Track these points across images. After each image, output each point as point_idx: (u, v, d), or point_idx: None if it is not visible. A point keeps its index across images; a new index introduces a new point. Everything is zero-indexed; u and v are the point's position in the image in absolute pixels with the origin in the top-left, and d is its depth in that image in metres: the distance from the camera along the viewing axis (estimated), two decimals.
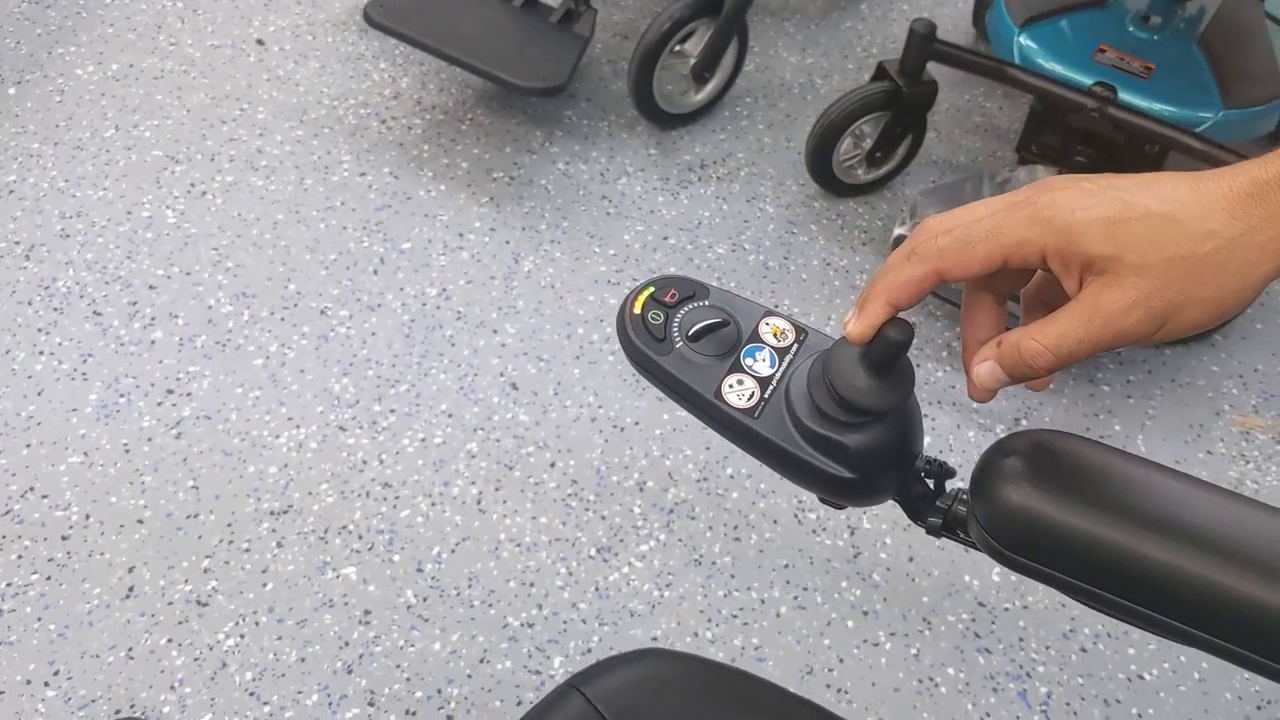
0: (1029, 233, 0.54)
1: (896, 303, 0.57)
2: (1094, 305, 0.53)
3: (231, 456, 1.64)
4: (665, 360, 0.63)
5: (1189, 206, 0.52)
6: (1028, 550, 0.57)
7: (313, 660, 1.45)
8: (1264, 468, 1.76)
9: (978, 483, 0.59)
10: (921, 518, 0.65)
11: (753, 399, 0.62)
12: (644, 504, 1.64)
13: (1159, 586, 0.54)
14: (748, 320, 0.65)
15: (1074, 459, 0.59)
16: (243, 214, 1.97)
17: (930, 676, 1.50)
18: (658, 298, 0.65)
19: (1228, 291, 0.53)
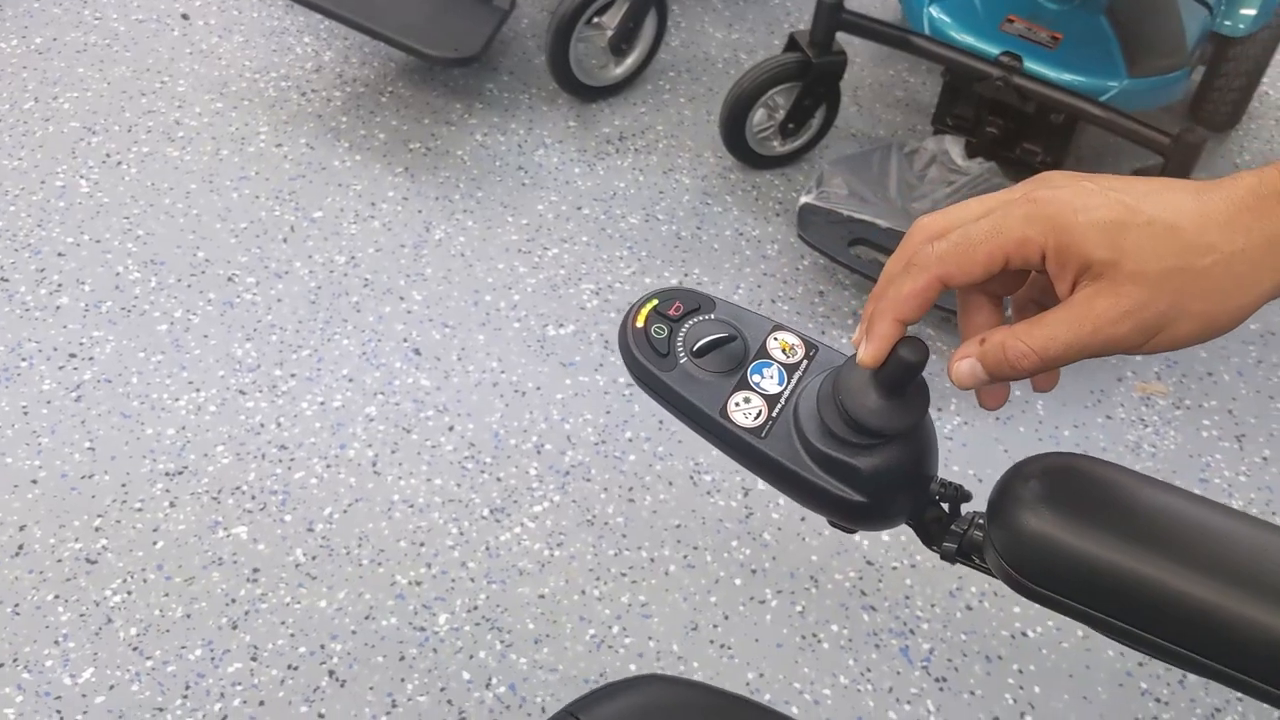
0: (1030, 230, 0.52)
1: (905, 318, 0.54)
2: (1086, 310, 0.51)
3: (130, 419, 1.65)
4: (669, 377, 0.60)
5: (1191, 217, 0.51)
6: (1048, 581, 0.55)
7: (198, 616, 1.46)
8: (1162, 432, 1.78)
9: (995, 508, 0.56)
10: (935, 543, 0.61)
11: (760, 418, 0.59)
12: (540, 466, 1.65)
13: (1188, 621, 0.52)
14: (755, 335, 0.62)
15: (1096, 484, 0.56)
16: (156, 184, 1.97)
17: (814, 633, 1.51)
18: (661, 311, 0.62)
19: (1220, 309, 0.51)
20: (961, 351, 0.55)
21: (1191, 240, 0.50)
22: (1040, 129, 1.99)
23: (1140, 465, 1.73)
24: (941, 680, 1.48)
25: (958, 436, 1.73)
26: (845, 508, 0.58)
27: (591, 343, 1.81)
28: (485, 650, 1.46)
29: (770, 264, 1.96)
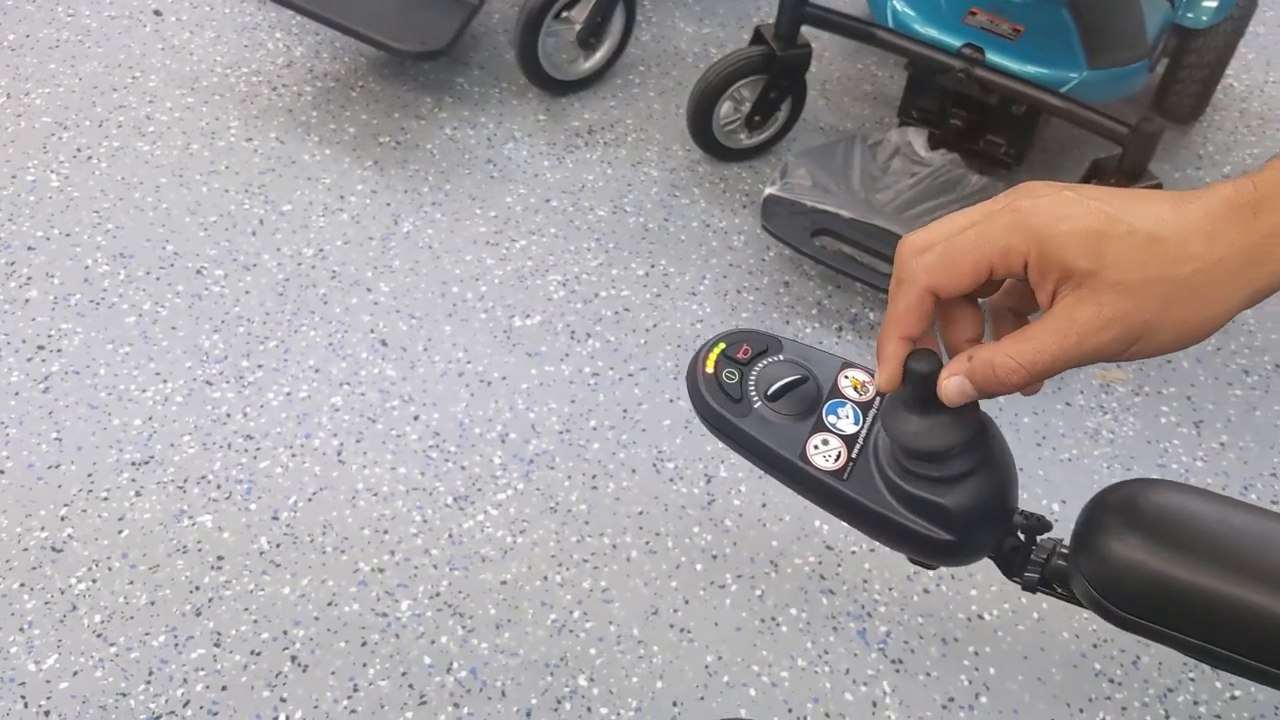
0: (1012, 240, 0.52)
1: (907, 334, 0.55)
2: (1069, 321, 0.52)
3: (97, 410, 1.66)
4: (744, 423, 0.59)
5: (1172, 227, 0.51)
6: (1141, 608, 0.54)
7: (162, 604, 1.48)
8: (1121, 419, 1.80)
9: (1081, 539, 0.56)
10: (1016, 573, 0.60)
11: (840, 459, 0.58)
12: (505, 455, 1.67)
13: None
14: (826, 374, 0.61)
15: (1180, 508, 0.55)
16: (126, 178, 1.99)
17: (773, 616, 1.53)
18: (730, 355, 0.61)
19: (1200, 319, 0.52)
20: (950, 369, 0.55)
21: (1173, 250, 0.51)
22: (1003, 121, 2.01)
23: (1099, 451, 1.75)
24: (898, 662, 1.50)
25: None
26: (933, 547, 0.57)
27: (558, 333, 1.83)
28: (447, 635, 1.48)
29: (737, 255, 1.98)
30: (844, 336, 1.87)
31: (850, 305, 1.91)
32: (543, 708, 1.42)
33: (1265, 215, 0.51)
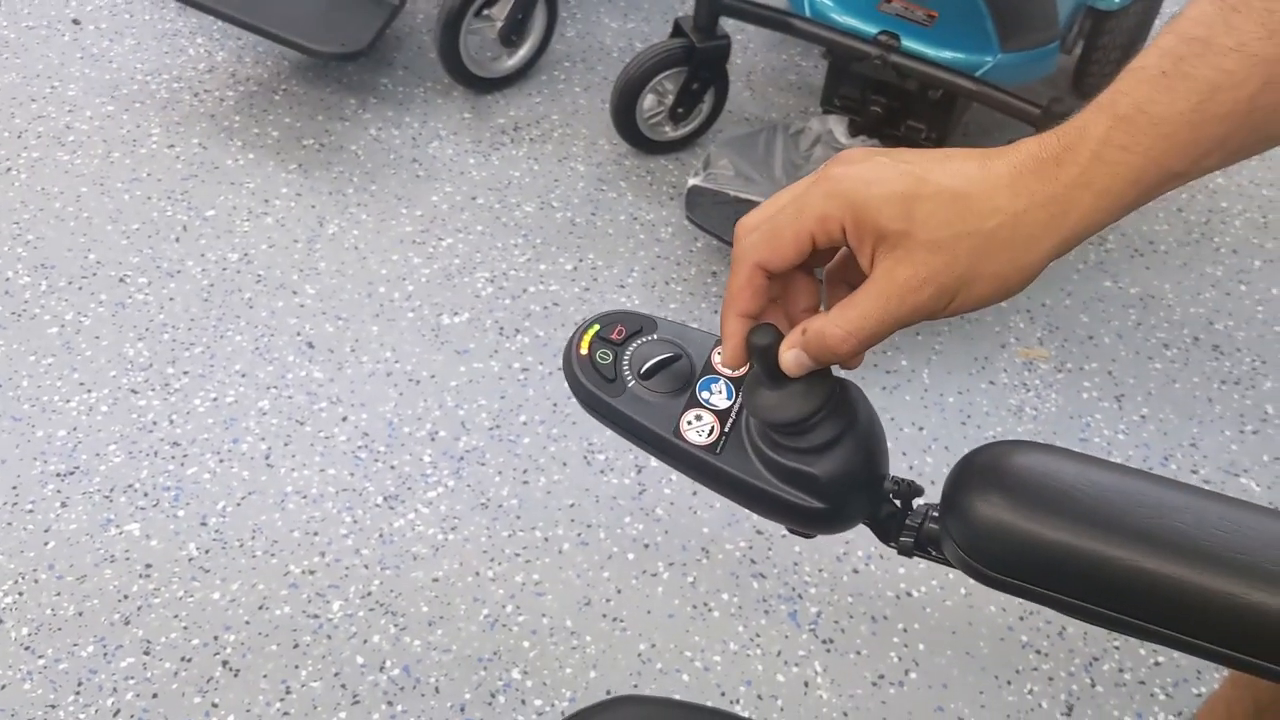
0: (828, 208, 0.54)
1: (743, 312, 0.57)
2: (888, 283, 0.53)
3: (20, 422, 1.65)
4: (619, 401, 0.60)
5: (977, 184, 0.53)
6: (1007, 567, 0.55)
7: (90, 614, 1.47)
8: (1044, 395, 1.83)
9: (949, 500, 0.57)
10: (892, 538, 0.62)
11: (713, 434, 0.59)
12: (434, 453, 1.67)
13: (1146, 594, 0.53)
14: (700, 352, 0.62)
15: (1045, 469, 0.57)
16: (46, 188, 1.97)
17: (705, 602, 1.54)
18: (604, 335, 0.62)
19: (1011, 269, 0.54)
20: (788, 341, 0.57)
21: (978, 205, 0.52)
22: (922, 106, 2.03)
23: (1022, 428, 1.78)
24: (829, 642, 1.52)
25: None
26: (806, 515, 0.58)
27: (486, 330, 1.83)
28: (379, 635, 1.48)
29: (664, 247, 1.99)
30: None
31: None
32: (476, 702, 1.43)
33: (1067, 166, 0.52)
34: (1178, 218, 2.15)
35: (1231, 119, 0.51)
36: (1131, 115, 0.52)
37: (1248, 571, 0.52)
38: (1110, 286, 2.01)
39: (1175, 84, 0.51)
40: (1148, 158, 0.52)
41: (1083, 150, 0.52)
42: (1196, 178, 0.53)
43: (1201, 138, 0.52)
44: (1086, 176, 0.52)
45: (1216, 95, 0.51)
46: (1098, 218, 0.53)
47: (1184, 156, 0.52)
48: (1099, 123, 0.52)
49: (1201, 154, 0.52)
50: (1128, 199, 0.53)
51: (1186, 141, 0.52)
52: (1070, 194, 0.52)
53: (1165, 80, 0.51)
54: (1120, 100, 0.52)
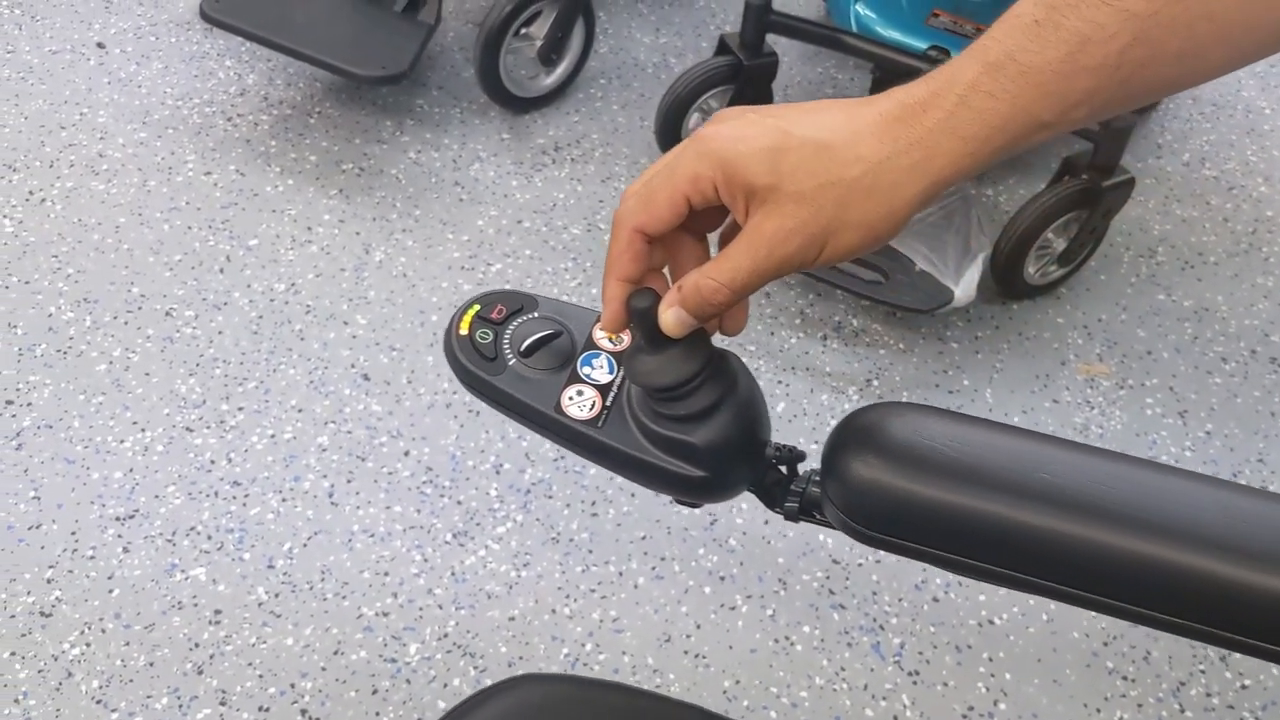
0: (699, 167, 0.54)
1: (623, 276, 0.58)
2: (758, 235, 0.54)
3: (74, 464, 1.60)
4: (499, 380, 0.61)
5: (842, 133, 0.54)
6: (884, 525, 0.57)
7: (161, 664, 1.43)
8: (1108, 412, 1.81)
9: (828, 462, 0.59)
10: (778, 504, 0.63)
11: (594, 408, 0.60)
12: (501, 486, 1.64)
13: (1015, 546, 0.54)
14: (581, 328, 0.63)
15: (921, 428, 0.58)
16: (84, 219, 1.92)
17: (786, 636, 1.52)
18: (484, 315, 0.63)
19: (877, 216, 0.54)
20: (666, 300, 0.57)
21: (842, 155, 0.53)
22: None
23: None
24: (914, 674, 1.49)
25: None
26: (687, 484, 0.59)
27: None
28: (459, 677, 1.44)
29: None
30: (829, 345, 1.86)
31: (833, 313, 1.91)
32: None
33: (932, 111, 0.53)
34: (1224, 228, 2.13)
35: (1100, 72, 0.52)
36: (1001, 62, 0.52)
37: (1112, 518, 0.53)
38: (1164, 300, 1.99)
39: (1046, 33, 0.51)
40: (1015, 105, 0.52)
41: (949, 96, 0.52)
42: (1065, 130, 0.54)
43: (1070, 89, 0.52)
44: (952, 122, 0.52)
45: (1086, 47, 0.51)
46: (964, 163, 0.53)
47: (1052, 107, 0.52)
48: (968, 69, 0.52)
49: (1070, 105, 0.52)
50: (994, 145, 0.53)
51: (1054, 92, 0.52)
52: (934, 139, 0.53)
53: (1037, 29, 0.51)
54: (991, 47, 0.52)
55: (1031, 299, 1.96)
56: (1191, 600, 0.53)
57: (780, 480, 0.63)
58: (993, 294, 1.93)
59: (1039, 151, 2.22)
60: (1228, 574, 0.52)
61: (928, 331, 1.89)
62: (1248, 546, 0.52)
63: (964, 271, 1.79)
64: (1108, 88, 0.52)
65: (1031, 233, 1.82)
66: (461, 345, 0.62)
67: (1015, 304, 1.95)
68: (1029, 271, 1.89)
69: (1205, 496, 0.54)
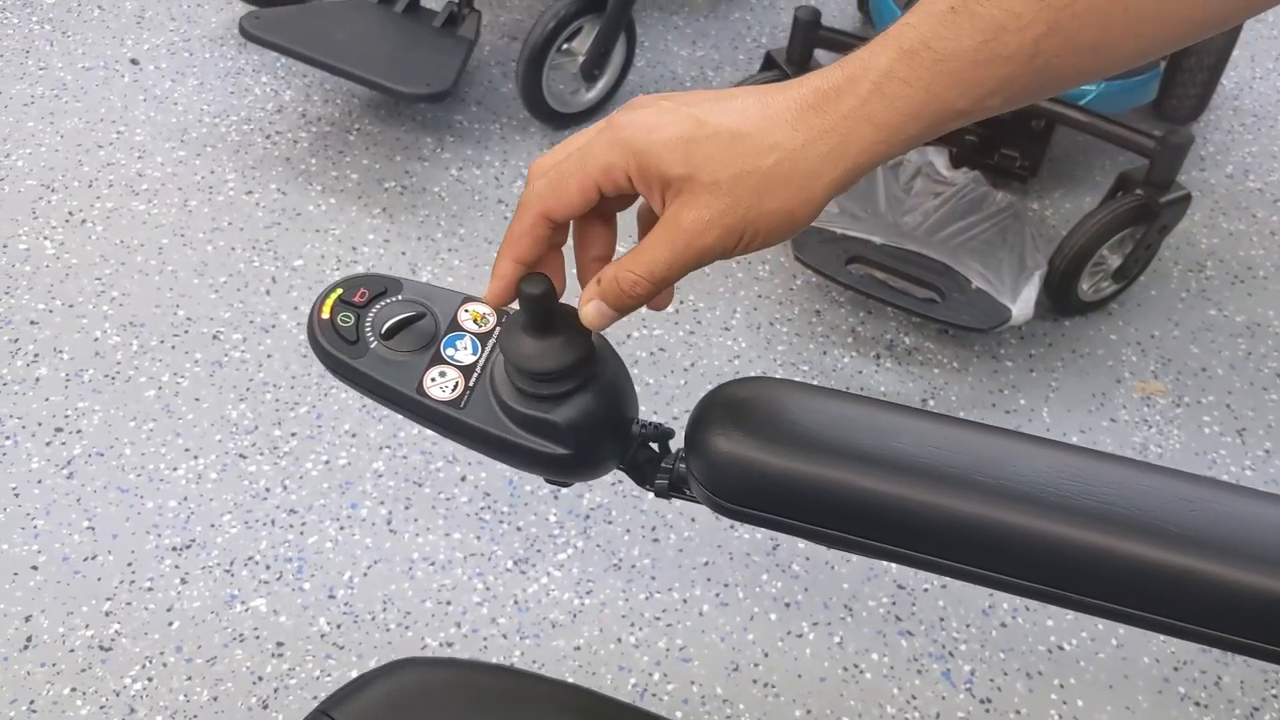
0: (612, 156, 0.54)
1: (519, 257, 0.57)
2: (675, 227, 0.54)
3: (128, 493, 1.58)
4: (360, 363, 0.61)
5: (756, 121, 0.53)
6: (744, 498, 0.58)
7: (225, 698, 1.40)
8: (1166, 431, 1.80)
9: (690, 438, 0.59)
10: (649, 482, 0.64)
11: (456, 389, 0.60)
12: (559, 512, 1.62)
13: (868, 515, 0.56)
14: (445, 310, 0.63)
15: (780, 402, 0.59)
16: (125, 240, 1.90)
17: (855, 663, 1.50)
18: (347, 299, 0.63)
19: (795, 203, 0.54)
20: (585, 295, 0.57)
21: (757, 143, 0.53)
22: (1018, 135, 2.00)
23: None
24: (986, 701, 1.47)
25: None
26: (551, 462, 0.60)
27: None
28: None
29: (764, 285, 1.95)
30: (883, 364, 1.84)
31: (885, 331, 1.89)
32: None
33: (846, 98, 0.52)
34: (1272, 241, 2.12)
35: (1015, 60, 0.51)
36: (915, 50, 0.51)
37: (961, 484, 0.54)
38: (1216, 315, 1.98)
39: (962, 21, 0.51)
40: (929, 93, 0.52)
41: (864, 83, 0.52)
42: (980, 117, 0.54)
43: (984, 77, 0.52)
44: (866, 109, 0.52)
45: (1001, 35, 0.51)
46: (878, 150, 0.53)
47: (966, 94, 0.52)
48: (882, 55, 0.52)
49: (984, 93, 0.52)
50: (908, 132, 0.53)
51: (969, 80, 0.52)
52: (849, 126, 0.52)
53: (953, 16, 0.51)
54: (906, 33, 0.52)
55: (1084, 315, 1.94)
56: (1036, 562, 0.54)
57: (651, 458, 0.64)
58: (1045, 310, 1.91)
59: (1086, 165, 2.21)
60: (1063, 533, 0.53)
61: (981, 350, 1.88)
62: (1084, 506, 0.53)
63: (1021, 289, 1.77)
64: (1022, 76, 0.52)
65: (1087, 249, 1.80)
66: (323, 329, 0.62)
67: (1067, 320, 1.94)
68: (1083, 288, 1.87)
69: (1048, 459, 0.55)
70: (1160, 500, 0.54)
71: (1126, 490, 0.54)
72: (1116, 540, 0.53)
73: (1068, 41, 0.51)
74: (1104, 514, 0.53)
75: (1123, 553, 0.53)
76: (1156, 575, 0.53)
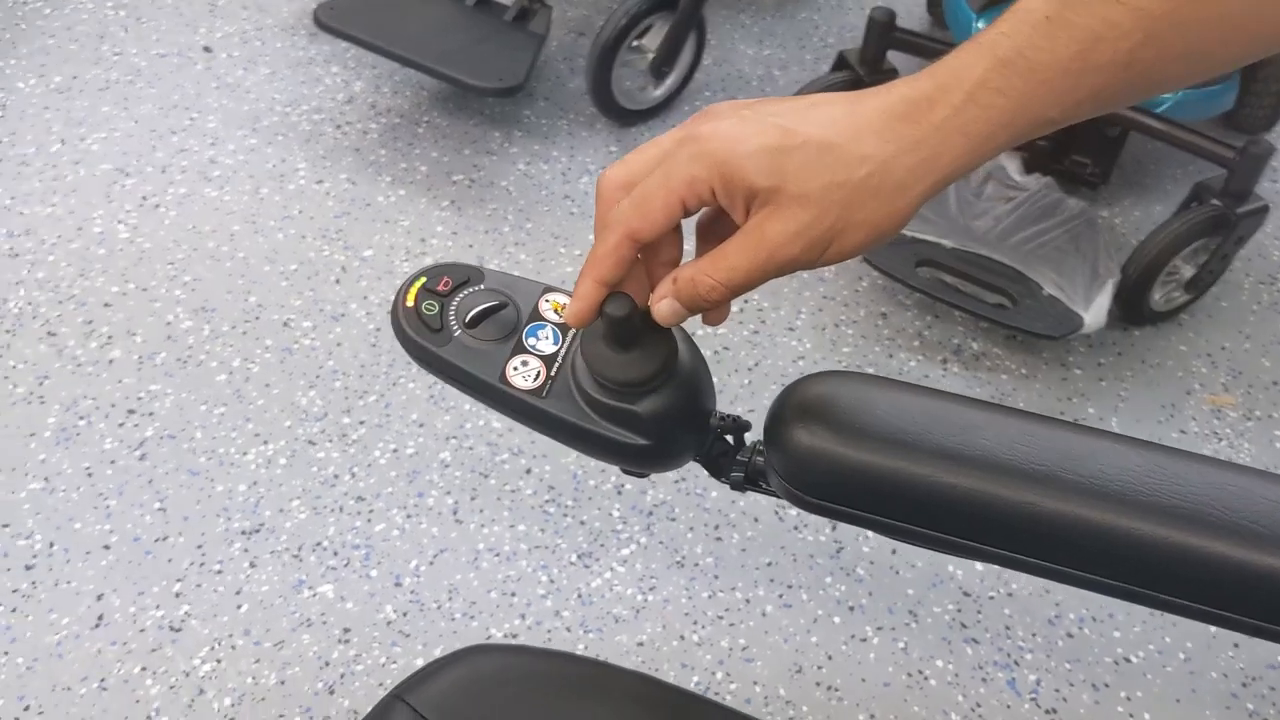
0: (696, 170, 0.53)
1: (603, 279, 0.57)
2: (760, 237, 0.53)
3: (198, 476, 1.60)
4: (445, 350, 0.61)
5: (844, 131, 0.52)
6: (825, 492, 0.58)
7: (293, 682, 1.42)
8: (1236, 444, 1.77)
9: (770, 431, 0.59)
10: (724, 475, 0.64)
11: (539, 378, 0.61)
12: (623, 507, 1.62)
13: (949, 509, 0.56)
14: (527, 299, 0.63)
15: (861, 396, 0.60)
16: (198, 226, 1.92)
17: (919, 669, 1.49)
18: (430, 288, 0.63)
19: (882, 215, 0.53)
20: (659, 292, 0.57)
21: (847, 154, 0.52)
22: (1091, 141, 1.98)
23: None
24: (1052, 712, 1.46)
25: None
26: (632, 452, 0.60)
27: None
28: None
29: (829, 287, 1.94)
30: (949, 369, 1.83)
31: (952, 335, 1.88)
32: None
33: (939, 107, 0.52)
34: None
35: (1110, 70, 0.51)
36: (1011, 59, 0.51)
37: (1045, 481, 0.54)
38: None
39: (1058, 30, 0.50)
40: (1022, 103, 0.52)
41: (956, 92, 0.52)
42: (1068, 123, 0.53)
43: (1078, 86, 0.51)
44: (959, 120, 0.52)
45: (1098, 45, 0.50)
46: (969, 160, 0.53)
47: (1059, 103, 0.52)
48: (977, 64, 0.51)
49: (1076, 101, 0.52)
50: (998, 141, 0.53)
51: (1063, 89, 0.51)
52: (941, 137, 0.52)
53: (1048, 25, 0.50)
54: (1001, 42, 0.51)
55: (1154, 325, 1.92)
56: (1121, 561, 0.54)
57: (726, 450, 0.64)
58: (1114, 319, 1.89)
59: (1156, 174, 2.18)
60: (1151, 533, 0.53)
61: (1050, 357, 1.86)
62: (1172, 505, 0.53)
63: (1093, 297, 1.75)
64: (1115, 85, 0.52)
65: (1161, 259, 1.78)
66: (408, 317, 0.62)
67: (1137, 330, 1.91)
68: (1154, 298, 1.85)
69: (1133, 457, 0.55)
70: (1247, 500, 0.54)
71: (1213, 490, 0.54)
72: (1205, 540, 0.53)
73: (1162, 50, 0.51)
74: (1193, 514, 0.53)
75: (1211, 552, 0.53)
76: (1244, 575, 0.53)
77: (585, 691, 0.84)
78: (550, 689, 0.84)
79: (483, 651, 0.88)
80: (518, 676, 0.85)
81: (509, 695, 0.83)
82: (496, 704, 0.82)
